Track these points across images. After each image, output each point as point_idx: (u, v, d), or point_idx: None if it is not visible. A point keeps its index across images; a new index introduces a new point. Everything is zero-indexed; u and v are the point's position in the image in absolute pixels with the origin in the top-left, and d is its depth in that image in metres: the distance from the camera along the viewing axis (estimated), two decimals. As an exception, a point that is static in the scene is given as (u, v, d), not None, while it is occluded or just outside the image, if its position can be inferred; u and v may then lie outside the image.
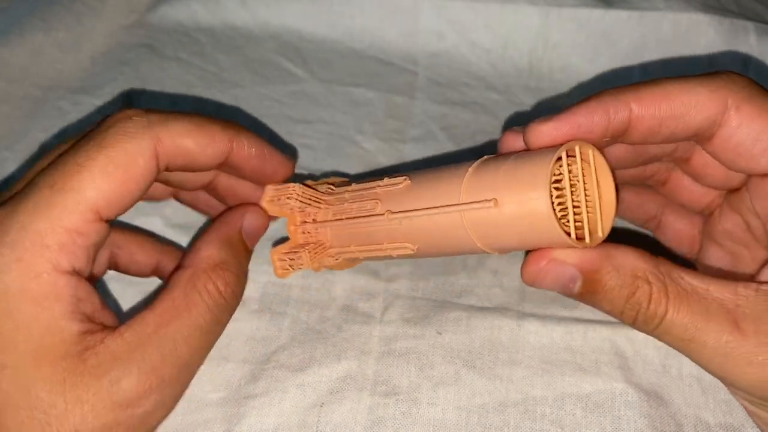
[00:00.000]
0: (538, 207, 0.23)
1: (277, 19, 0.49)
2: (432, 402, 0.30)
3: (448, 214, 0.26)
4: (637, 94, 0.25)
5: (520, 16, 0.47)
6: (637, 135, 0.26)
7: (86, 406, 0.23)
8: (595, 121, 0.25)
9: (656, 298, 0.24)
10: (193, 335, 0.26)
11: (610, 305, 0.25)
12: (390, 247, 0.29)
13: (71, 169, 0.25)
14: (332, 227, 0.31)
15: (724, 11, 0.46)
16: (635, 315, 0.25)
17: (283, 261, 0.31)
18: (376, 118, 0.44)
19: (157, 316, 0.25)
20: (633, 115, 0.25)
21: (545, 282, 0.26)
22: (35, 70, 0.46)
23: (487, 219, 0.25)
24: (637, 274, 0.25)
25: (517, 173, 0.24)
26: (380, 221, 0.29)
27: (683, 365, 0.30)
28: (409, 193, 0.28)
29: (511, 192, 0.24)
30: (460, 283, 0.34)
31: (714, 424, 0.29)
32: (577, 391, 0.30)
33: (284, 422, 0.29)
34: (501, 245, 0.26)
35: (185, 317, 0.26)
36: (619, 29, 0.46)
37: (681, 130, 0.26)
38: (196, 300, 0.26)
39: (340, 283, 0.35)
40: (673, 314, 0.24)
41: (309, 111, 0.45)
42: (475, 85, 0.47)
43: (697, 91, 0.25)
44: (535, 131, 0.25)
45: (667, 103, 0.25)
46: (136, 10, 0.50)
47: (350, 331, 0.32)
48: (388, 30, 0.48)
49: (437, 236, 0.27)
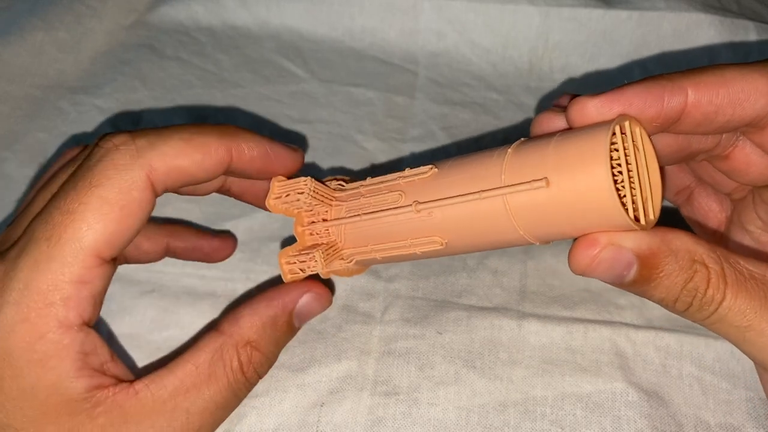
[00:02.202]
0: (598, 183, 0.21)
1: (277, 19, 0.49)
2: (432, 402, 0.30)
3: (489, 200, 0.24)
4: (694, 78, 0.24)
5: (520, 16, 0.47)
6: (690, 122, 0.25)
7: None
8: (648, 102, 0.24)
9: (714, 282, 0.23)
10: (208, 409, 0.25)
11: (666, 292, 0.24)
12: (415, 243, 0.26)
13: (65, 218, 0.24)
14: (347, 226, 0.28)
15: (725, 11, 0.46)
16: (690, 301, 0.23)
17: (293, 265, 0.28)
18: (376, 118, 0.44)
19: (177, 379, 0.25)
20: (689, 100, 0.24)
21: (598, 270, 0.24)
22: (35, 70, 0.46)
23: (535, 202, 0.23)
24: (694, 258, 0.23)
25: (568, 150, 0.22)
26: (406, 214, 0.26)
27: (683, 365, 0.30)
28: (437, 182, 0.26)
29: (565, 169, 0.22)
30: (460, 283, 0.34)
31: (714, 424, 0.29)
32: (577, 391, 0.30)
33: (284, 422, 0.29)
34: (547, 232, 0.24)
35: (204, 390, 0.25)
36: (619, 29, 0.46)
37: (737, 117, 0.24)
38: (219, 374, 0.25)
39: (340, 283, 0.35)
40: (731, 300, 0.23)
41: (309, 111, 0.45)
42: (475, 85, 0.47)
43: (755, 78, 0.24)
44: (581, 107, 0.24)
45: (726, 89, 0.24)
46: (136, 10, 0.50)
47: (350, 331, 0.32)
48: (388, 30, 0.48)
49: (473, 227, 0.25)
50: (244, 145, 0.27)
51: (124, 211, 0.24)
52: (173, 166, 0.25)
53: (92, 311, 0.25)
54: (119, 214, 0.24)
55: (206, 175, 0.26)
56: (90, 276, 0.24)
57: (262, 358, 0.27)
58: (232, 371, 0.26)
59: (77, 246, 0.24)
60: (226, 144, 0.26)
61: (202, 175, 0.26)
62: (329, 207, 0.29)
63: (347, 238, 0.28)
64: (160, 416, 0.24)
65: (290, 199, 0.28)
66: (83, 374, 0.24)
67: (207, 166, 0.26)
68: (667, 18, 0.45)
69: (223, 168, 0.27)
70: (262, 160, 0.28)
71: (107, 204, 0.24)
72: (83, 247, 0.24)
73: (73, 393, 0.23)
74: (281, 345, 0.28)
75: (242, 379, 0.26)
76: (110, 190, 0.24)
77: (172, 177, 0.25)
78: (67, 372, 0.23)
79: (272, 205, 0.29)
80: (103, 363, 0.25)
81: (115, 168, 0.24)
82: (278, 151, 0.28)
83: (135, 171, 0.24)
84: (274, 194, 0.29)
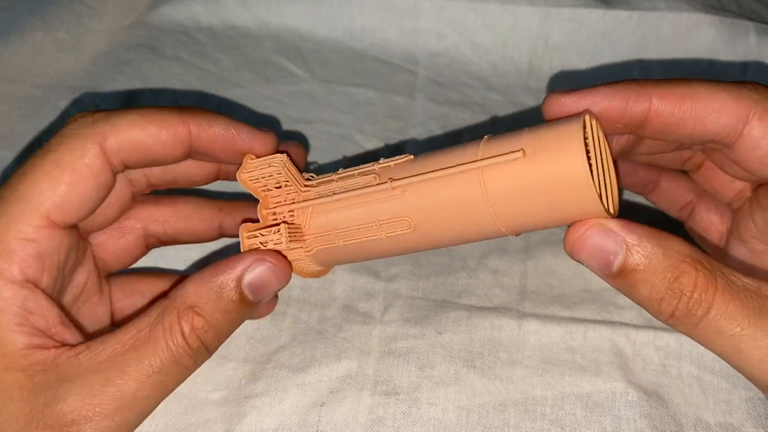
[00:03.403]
0: (574, 163, 0.22)
1: (277, 19, 0.49)
2: (432, 402, 0.30)
3: (464, 174, 0.24)
4: (660, 88, 0.25)
5: (520, 16, 0.47)
6: (653, 129, 0.25)
7: (17, 424, 0.23)
8: (612, 104, 0.25)
9: (702, 285, 0.22)
10: (144, 371, 0.24)
11: (650, 290, 0.23)
12: (382, 223, 0.25)
13: (18, 179, 0.25)
14: (313, 209, 0.27)
15: (725, 11, 0.46)
16: (676, 304, 0.23)
17: (254, 239, 0.27)
18: (376, 118, 0.44)
19: (118, 342, 0.24)
20: (652, 108, 0.25)
21: (585, 248, 0.24)
22: (35, 70, 0.46)
23: (509, 177, 0.23)
24: (684, 258, 0.23)
25: (543, 134, 0.23)
26: (378, 193, 0.25)
27: (683, 365, 0.30)
28: (412, 165, 0.26)
29: (541, 149, 0.22)
30: (460, 283, 0.34)
31: (714, 424, 0.29)
32: (577, 390, 0.30)
33: (284, 422, 0.29)
34: (521, 215, 0.24)
35: (142, 352, 0.24)
36: (619, 29, 0.46)
37: (699, 132, 0.25)
38: (157, 336, 0.24)
39: (340, 283, 0.35)
40: (722, 306, 0.22)
41: (309, 111, 0.45)
42: (475, 85, 0.47)
43: (721, 97, 0.25)
44: (556, 101, 0.25)
45: (689, 103, 0.25)
46: (136, 10, 0.50)
47: (350, 331, 0.32)
48: (388, 30, 0.48)
49: (445, 207, 0.24)
50: (204, 122, 0.27)
51: (74, 175, 0.25)
52: (127, 137, 0.26)
53: (40, 272, 0.25)
54: (70, 177, 0.25)
55: (164, 149, 0.27)
56: (36, 235, 0.24)
57: (206, 325, 0.25)
58: (171, 334, 0.24)
59: (25, 205, 0.24)
60: (184, 119, 0.27)
61: (159, 149, 0.27)
62: (298, 192, 0.28)
63: (312, 223, 0.27)
64: (95, 376, 0.23)
65: (262, 172, 0.28)
66: (23, 330, 0.24)
67: (164, 140, 0.26)
68: (667, 18, 0.45)
69: (184, 146, 0.27)
70: (225, 138, 0.28)
71: (58, 167, 0.25)
72: (31, 206, 0.24)
73: (10, 347, 0.23)
74: (233, 317, 0.26)
75: (183, 344, 0.25)
76: (61, 154, 0.25)
77: (127, 148, 0.26)
78: (6, 325, 0.24)
79: (243, 179, 0.28)
80: (51, 326, 0.25)
81: (70, 135, 0.25)
82: (243, 130, 0.28)
83: (88, 139, 0.25)
84: (246, 168, 0.28)
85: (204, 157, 0.29)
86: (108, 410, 0.23)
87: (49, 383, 0.23)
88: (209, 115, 0.28)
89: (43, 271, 0.25)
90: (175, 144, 0.27)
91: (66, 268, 0.27)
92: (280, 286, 0.27)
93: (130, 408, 0.24)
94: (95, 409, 0.23)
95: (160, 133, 0.26)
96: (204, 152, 0.28)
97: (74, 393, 0.23)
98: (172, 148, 0.27)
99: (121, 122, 0.26)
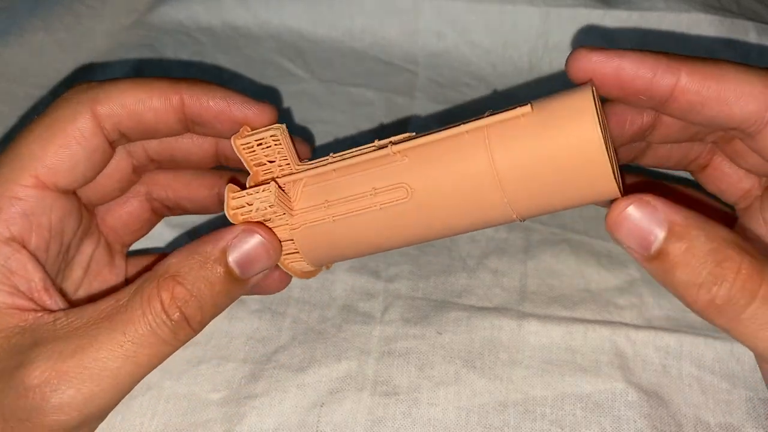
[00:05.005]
0: (585, 126, 0.20)
1: (277, 19, 0.49)
2: (432, 402, 0.30)
3: (467, 134, 0.23)
4: (691, 64, 0.24)
5: (520, 16, 0.47)
6: (675, 108, 0.24)
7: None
8: (639, 72, 0.24)
9: (748, 271, 0.21)
10: (118, 341, 0.23)
11: (689, 273, 0.21)
12: (378, 190, 0.24)
13: (13, 143, 0.25)
14: (307, 179, 0.26)
15: (724, 11, 0.46)
16: (717, 291, 0.21)
17: (240, 198, 0.26)
18: (376, 118, 0.44)
19: (96, 310, 0.24)
20: (679, 84, 0.23)
21: (625, 226, 0.22)
22: (35, 70, 0.46)
23: (516, 137, 0.22)
24: (729, 244, 0.21)
25: (551, 103, 0.22)
26: (376, 159, 0.24)
27: (683, 365, 0.30)
28: (415, 139, 0.25)
29: (551, 114, 0.21)
30: (460, 283, 0.34)
31: (714, 424, 0.29)
32: (577, 391, 0.30)
33: (284, 422, 0.29)
34: (528, 184, 0.22)
35: (117, 320, 0.23)
36: (619, 29, 0.46)
37: (723, 116, 0.24)
38: (135, 305, 0.24)
39: (340, 283, 0.35)
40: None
41: (309, 111, 0.45)
42: (475, 85, 0.47)
43: (752, 81, 0.23)
44: (583, 56, 0.24)
45: (717, 84, 0.23)
46: (136, 10, 0.50)
47: (350, 331, 0.32)
48: (388, 30, 0.48)
49: (446, 170, 0.23)
50: (198, 90, 0.27)
51: (66, 138, 0.25)
52: (119, 102, 0.26)
53: (27, 231, 0.25)
54: (61, 140, 0.25)
55: (156, 116, 0.27)
56: (24, 194, 0.25)
57: (188, 295, 0.24)
58: (149, 303, 0.24)
59: (16, 164, 0.25)
60: (176, 87, 0.27)
61: (152, 116, 0.27)
62: (291, 166, 0.27)
63: (303, 195, 0.26)
64: (66, 343, 0.23)
65: (258, 138, 0.27)
66: (2, 289, 0.24)
67: (156, 105, 0.26)
68: (667, 18, 0.45)
69: (177, 113, 0.27)
70: (220, 107, 0.27)
71: (49, 130, 0.25)
72: (21, 166, 0.25)
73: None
74: (217, 291, 0.25)
75: (161, 313, 0.24)
76: (53, 117, 0.26)
77: (119, 114, 0.26)
78: None
79: (237, 144, 0.27)
80: (33, 290, 0.25)
81: (63, 101, 0.26)
82: (238, 99, 0.27)
83: (80, 103, 0.26)
84: (242, 135, 0.27)
85: (200, 129, 0.28)
86: (75, 379, 0.22)
87: (24, 346, 0.23)
88: (204, 83, 0.27)
89: (31, 232, 0.25)
90: (168, 110, 0.27)
91: (64, 236, 0.27)
92: (270, 262, 0.26)
93: (99, 379, 0.23)
94: (62, 376, 0.22)
95: (152, 99, 0.26)
96: (199, 122, 0.27)
97: (43, 358, 0.22)
98: (165, 114, 0.27)
99: (113, 89, 0.26)
